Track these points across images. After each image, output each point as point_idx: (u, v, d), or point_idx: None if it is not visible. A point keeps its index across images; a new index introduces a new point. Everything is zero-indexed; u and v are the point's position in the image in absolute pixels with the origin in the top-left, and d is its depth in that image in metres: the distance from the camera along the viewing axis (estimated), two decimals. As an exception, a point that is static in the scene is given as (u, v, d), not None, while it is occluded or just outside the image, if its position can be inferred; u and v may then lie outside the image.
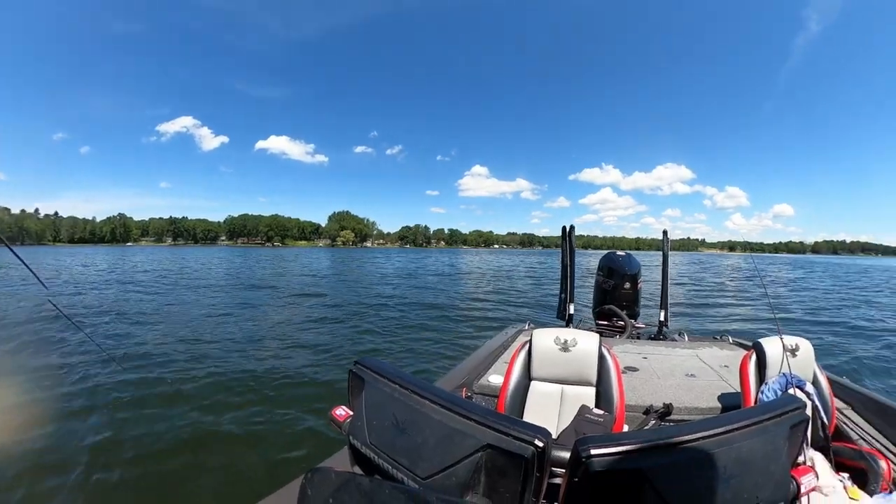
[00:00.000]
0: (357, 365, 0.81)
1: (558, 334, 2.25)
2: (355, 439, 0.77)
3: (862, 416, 2.44)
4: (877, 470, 1.88)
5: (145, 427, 4.04)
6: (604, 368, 2.17)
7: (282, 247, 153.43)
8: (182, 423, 4.19)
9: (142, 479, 3.27)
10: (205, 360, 6.26)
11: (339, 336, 8.33)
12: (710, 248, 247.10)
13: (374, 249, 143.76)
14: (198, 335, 7.90)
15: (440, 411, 0.68)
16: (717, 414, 2.37)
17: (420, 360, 6.94)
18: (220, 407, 4.60)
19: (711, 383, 2.98)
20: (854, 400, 2.56)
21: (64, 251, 68.01)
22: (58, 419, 4.16)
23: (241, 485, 3.25)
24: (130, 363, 6.00)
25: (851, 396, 2.59)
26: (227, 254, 49.90)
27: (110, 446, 3.69)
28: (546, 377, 2.23)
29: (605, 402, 2.09)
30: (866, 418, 2.41)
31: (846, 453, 2.05)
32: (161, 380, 5.35)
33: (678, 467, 0.58)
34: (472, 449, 0.62)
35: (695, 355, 3.74)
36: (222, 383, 5.33)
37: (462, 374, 3.09)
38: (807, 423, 0.71)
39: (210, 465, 3.50)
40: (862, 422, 2.39)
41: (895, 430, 2.26)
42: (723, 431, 0.62)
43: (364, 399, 0.78)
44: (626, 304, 5.23)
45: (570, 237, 4.99)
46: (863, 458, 1.97)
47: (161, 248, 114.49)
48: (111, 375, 5.41)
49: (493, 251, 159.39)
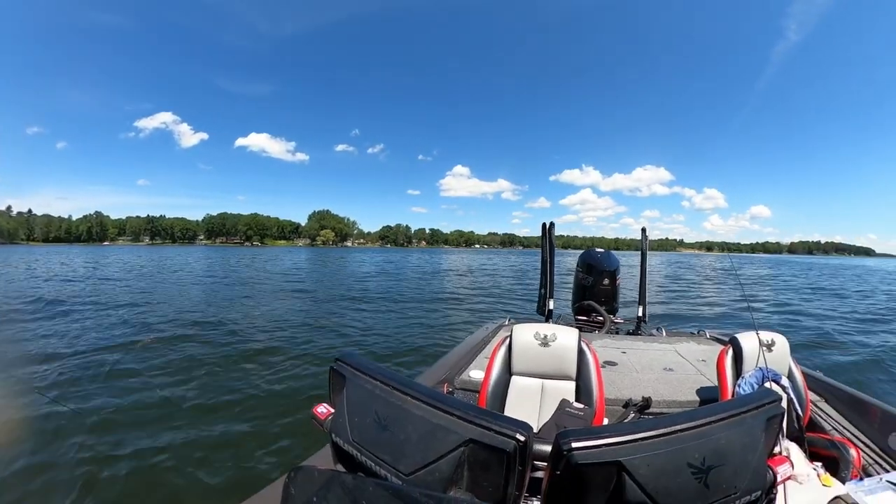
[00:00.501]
0: (337, 362, 0.80)
1: (538, 329, 2.27)
2: (338, 437, 0.76)
3: (834, 407, 2.52)
4: (848, 458, 1.97)
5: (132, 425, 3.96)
6: (583, 363, 2.19)
7: (261, 246, 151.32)
8: (162, 424, 4.12)
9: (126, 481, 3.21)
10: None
11: (319, 331, 8.29)
12: (689, 249, 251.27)
13: (355, 249, 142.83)
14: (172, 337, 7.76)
15: (422, 407, 0.67)
16: (696, 407, 2.41)
17: (405, 354, 6.96)
18: (201, 407, 4.54)
19: (689, 377, 3.02)
20: (827, 393, 2.64)
21: (39, 250, 66.17)
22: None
23: (224, 484, 3.21)
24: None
25: (825, 389, 2.67)
26: (202, 254, 48.95)
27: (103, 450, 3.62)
28: (526, 372, 2.25)
29: (585, 396, 2.11)
30: (838, 410, 2.49)
31: (819, 443, 2.12)
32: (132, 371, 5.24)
33: (658, 459, 0.58)
34: (454, 444, 0.62)
35: (673, 350, 3.80)
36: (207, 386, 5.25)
37: (443, 369, 3.09)
38: (782, 416, 0.72)
39: (191, 465, 3.45)
40: (834, 413, 2.47)
41: (865, 420, 2.33)
42: (701, 424, 0.63)
43: (345, 396, 0.77)
44: (604, 299, 5.31)
45: (549, 233, 5.04)
46: (835, 447, 2.04)
47: (138, 247, 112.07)
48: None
49: (475, 251, 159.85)
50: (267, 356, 6.45)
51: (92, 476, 3.22)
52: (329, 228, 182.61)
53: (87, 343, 7.00)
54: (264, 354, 6.53)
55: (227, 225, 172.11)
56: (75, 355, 6.26)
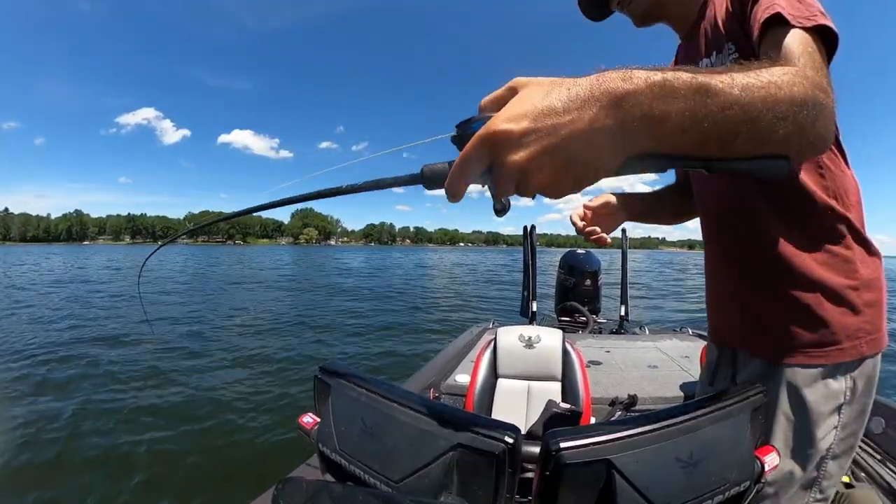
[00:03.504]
0: (322, 370, 0.79)
1: (522, 331, 2.29)
2: (324, 446, 0.75)
3: None
4: None
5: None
6: (568, 363, 2.22)
7: (243, 245, 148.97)
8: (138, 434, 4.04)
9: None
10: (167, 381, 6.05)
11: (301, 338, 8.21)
12: (671, 247, 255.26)
13: (339, 248, 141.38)
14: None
15: (408, 413, 0.67)
16: (681, 402, 2.45)
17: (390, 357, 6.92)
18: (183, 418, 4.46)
19: (673, 373, 3.07)
20: None
21: (17, 250, 63.96)
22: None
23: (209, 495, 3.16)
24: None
25: None
26: (184, 256, 48.12)
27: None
28: (512, 374, 2.27)
29: (572, 396, 2.13)
30: None
31: None
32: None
33: (646, 455, 0.59)
34: (442, 449, 0.62)
35: (656, 347, 3.86)
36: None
37: (429, 375, 3.11)
38: (767, 406, 0.73)
39: (176, 476, 3.39)
40: None
41: None
42: (688, 418, 0.64)
43: (331, 405, 0.76)
44: (587, 300, 5.41)
45: (531, 236, 5.12)
46: None
47: (119, 246, 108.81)
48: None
49: (461, 249, 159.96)
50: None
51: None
52: (312, 227, 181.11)
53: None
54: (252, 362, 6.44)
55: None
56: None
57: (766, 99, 0.53)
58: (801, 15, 0.70)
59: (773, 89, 0.54)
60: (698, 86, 0.49)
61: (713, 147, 0.52)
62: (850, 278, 0.85)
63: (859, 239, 0.88)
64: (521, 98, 0.48)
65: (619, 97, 0.46)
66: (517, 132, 0.46)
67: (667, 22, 1.10)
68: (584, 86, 0.47)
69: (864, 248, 0.88)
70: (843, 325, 0.85)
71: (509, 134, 0.46)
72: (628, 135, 0.48)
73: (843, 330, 0.84)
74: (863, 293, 0.86)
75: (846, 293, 0.85)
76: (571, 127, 0.46)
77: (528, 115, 0.46)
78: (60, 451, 3.82)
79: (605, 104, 0.46)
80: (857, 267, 0.86)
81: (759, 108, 0.52)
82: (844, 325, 0.85)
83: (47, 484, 3.31)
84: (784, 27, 0.70)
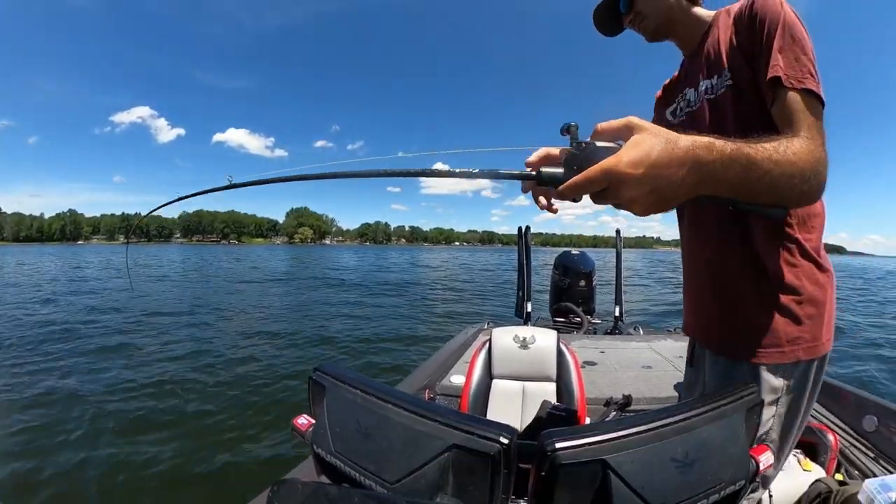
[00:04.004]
0: (316, 372, 0.79)
1: (517, 332, 2.30)
2: (319, 448, 0.75)
3: None
4: (826, 443, 2.06)
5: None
6: (563, 364, 2.22)
7: (238, 244, 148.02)
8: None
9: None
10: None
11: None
12: (665, 246, 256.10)
13: (334, 247, 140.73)
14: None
15: (404, 414, 0.67)
16: (676, 402, 2.46)
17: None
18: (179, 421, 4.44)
19: (668, 373, 3.08)
20: None
21: (13, 250, 63.08)
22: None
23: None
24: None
25: None
26: (176, 256, 47.41)
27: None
28: (507, 375, 2.27)
29: (566, 396, 2.14)
30: None
31: None
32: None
33: (642, 455, 0.59)
34: (438, 450, 0.62)
35: (650, 347, 3.87)
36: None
37: (423, 376, 3.10)
38: (762, 405, 0.74)
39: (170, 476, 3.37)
40: None
41: (840, 406, 2.41)
42: (683, 418, 0.64)
43: (326, 406, 0.76)
44: (581, 300, 5.44)
45: (526, 237, 5.13)
46: (813, 433, 2.12)
47: (114, 246, 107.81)
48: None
49: (456, 248, 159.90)
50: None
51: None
52: (307, 226, 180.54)
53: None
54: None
55: (203, 222, 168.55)
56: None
57: (786, 171, 0.74)
58: (794, 75, 0.88)
59: (793, 161, 0.75)
60: (748, 159, 0.70)
61: (745, 196, 0.75)
62: (795, 294, 1.00)
63: (810, 258, 1.02)
64: (637, 145, 0.64)
65: (703, 164, 0.67)
66: (635, 176, 0.63)
67: (673, 40, 1.23)
68: (682, 148, 0.65)
69: (815, 265, 1.03)
70: (786, 333, 1.00)
71: (630, 176, 0.63)
72: (700, 186, 0.69)
73: (785, 336, 1.00)
74: (806, 307, 1.01)
75: (791, 306, 1.00)
76: (669, 179, 0.65)
77: (643, 163, 0.63)
78: (45, 455, 3.80)
79: (693, 167, 0.66)
80: (803, 283, 1.01)
81: (783, 176, 0.74)
82: (787, 333, 1.00)
83: (31, 489, 3.29)
84: (784, 88, 0.88)
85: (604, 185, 0.65)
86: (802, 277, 1.01)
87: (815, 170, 0.79)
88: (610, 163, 0.63)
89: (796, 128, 0.85)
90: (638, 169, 0.62)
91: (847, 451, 2.14)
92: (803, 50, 0.90)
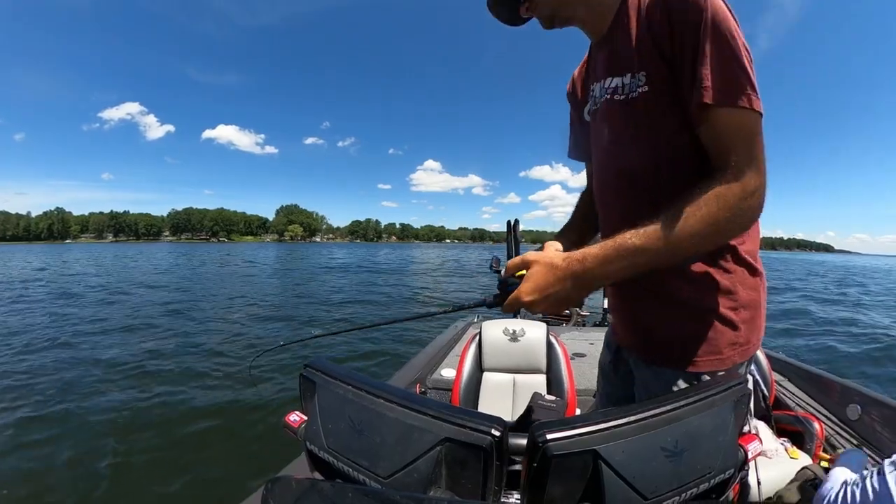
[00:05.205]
0: (307, 368, 0.79)
1: (507, 325, 2.31)
2: (312, 444, 0.75)
3: (797, 385, 2.66)
4: (812, 431, 2.11)
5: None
6: (552, 356, 2.24)
7: (227, 242, 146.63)
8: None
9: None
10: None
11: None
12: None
13: (324, 244, 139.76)
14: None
15: (395, 409, 0.67)
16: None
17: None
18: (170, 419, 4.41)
19: None
20: (789, 372, 2.78)
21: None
22: None
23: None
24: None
25: (787, 369, 2.81)
26: (163, 255, 46.57)
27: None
28: (498, 367, 2.28)
29: (557, 388, 2.15)
30: (800, 387, 2.63)
31: (785, 419, 2.24)
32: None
33: (632, 445, 0.60)
34: (430, 444, 0.62)
35: None
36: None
37: (414, 370, 3.11)
38: (750, 396, 0.75)
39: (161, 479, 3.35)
40: (797, 391, 2.60)
41: (825, 395, 2.47)
42: (672, 408, 0.64)
43: (317, 403, 0.75)
44: None
45: (514, 230, 5.13)
46: (799, 422, 2.16)
47: (103, 244, 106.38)
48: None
49: (447, 245, 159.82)
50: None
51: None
52: (297, 223, 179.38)
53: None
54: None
55: (192, 220, 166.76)
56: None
57: (685, 237, 0.81)
58: (723, 94, 0.80)
59: (693, 228, 0.80)
60: (630, 251, 0.83)
61: (650, 269, 0.85)
62: (731, 300, 0.99)
63: (743, 263, 1.00)
64: (528, 279, 0.90)
65: (578, 275, 0.86)
66: (533, 299, 0.89)
67: (577, 25, 1.08)
68: (560, 268, 0.87)
69: (748, 269, 1.00)
70: (725, 339, 0.99)
71: (529, 300, 0.90)
72: (586, 289, 0.90)
73: (723, 342, 0.99)
74: (741, 312, 0.99)
75: (727, 313, 0.98)
76: (557, 294, 0.89)
77: (535, 290, 0.89)
78: (35, 452, 3.77)
79: (572, 278, 0.87)
80: (737, 290, 0.99)
81: (682, 243, 0.81)
82: (725, 339, 0.99)
83: (18, 486, 3.27)
84: (713, 107, 0.82)
85: (519, 307, 0.93)
86: (737, 283, 0.98)
87: (738, 209, 0.80)
88: (516, 294, 0.91)
89: (726, 156, 0.81)
90: (533, 294, 0.89)
91: (832, 438, 2.19)
92: (734, 55, 0.80)
